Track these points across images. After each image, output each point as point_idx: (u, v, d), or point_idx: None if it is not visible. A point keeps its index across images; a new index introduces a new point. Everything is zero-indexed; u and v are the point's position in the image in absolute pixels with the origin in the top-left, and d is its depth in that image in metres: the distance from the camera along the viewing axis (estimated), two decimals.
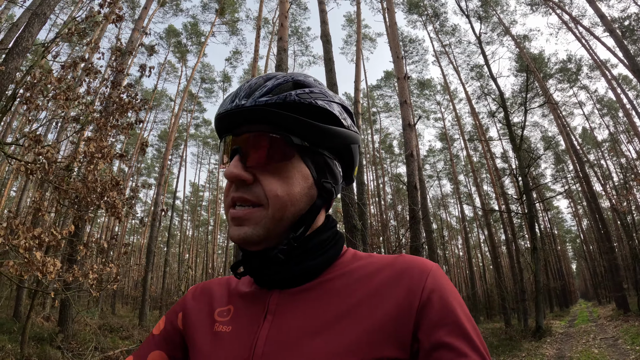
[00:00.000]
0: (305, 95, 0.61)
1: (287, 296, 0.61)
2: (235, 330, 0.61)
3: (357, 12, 15.71)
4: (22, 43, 5.60)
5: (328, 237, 0.65)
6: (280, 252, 0.59)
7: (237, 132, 0.61)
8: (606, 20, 12.66)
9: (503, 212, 18.33)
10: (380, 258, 0.62)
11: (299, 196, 0.61)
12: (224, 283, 0.73)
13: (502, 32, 24.98)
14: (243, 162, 0.59)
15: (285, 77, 0.62)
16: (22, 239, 2.90)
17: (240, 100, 0.60)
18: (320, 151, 0.64)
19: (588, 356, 8.13)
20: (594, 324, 14.76)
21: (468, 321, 0.53)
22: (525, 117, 14.26)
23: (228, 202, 0.61)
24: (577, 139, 29.15)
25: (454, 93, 29.55)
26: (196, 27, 28.34)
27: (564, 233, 46.28)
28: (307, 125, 0.60)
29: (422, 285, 0.55)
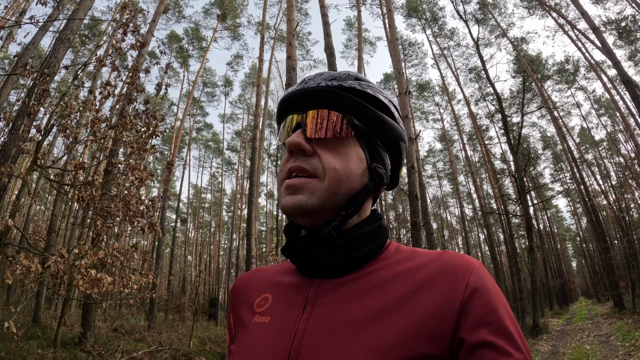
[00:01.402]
0: (365, 85, 0.66)
1: (329, 287, 0.61)
2: (274, 321, 0.61)
3: (359, 25, 16.12)
4: (50, 68, 6.02)
5: (374, 229, 0.65)
6: (334, 229, 0.60)
7: (302, 111, 0.65)
8: (588, 17, 12.93)
9: (501, 214, 18.74)
10: (424, 253, 0.62)
11: (354, 174, 0.62)
12: (266, 271, 0.74)
13: (500, 34, 25.38)
14: (305, 135, 0.62)
15: (347, 72, 0.68)
16: (90, 261, 3.33)
17: (310, 84, 0.65)
18: (374, 139, 0.67)
19: (580, 352, 8.57)
20: (591, 322, 15.17)
21: (510, 320, 0.53)
22: (522, 122, 14.68)
23: (284, 175, 0.62)
24: (575, 139, 29.52)
25: (452, 94, 29.96)
26: (197, 32, 28.70)
27: (563, 231, 46.49)
28: (366, 110, 0.64)
29: (466, 283, 0.55)
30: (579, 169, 19.32)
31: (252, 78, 33.63)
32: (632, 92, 8.97)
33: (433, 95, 31.85)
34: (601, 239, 17.69)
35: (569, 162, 22.28)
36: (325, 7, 10.71)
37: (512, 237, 17.58)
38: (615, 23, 23.30)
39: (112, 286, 3.68)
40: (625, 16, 22.63)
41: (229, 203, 42.53)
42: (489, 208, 28.06)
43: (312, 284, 0.62)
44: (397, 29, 23.85)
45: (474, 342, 0.50)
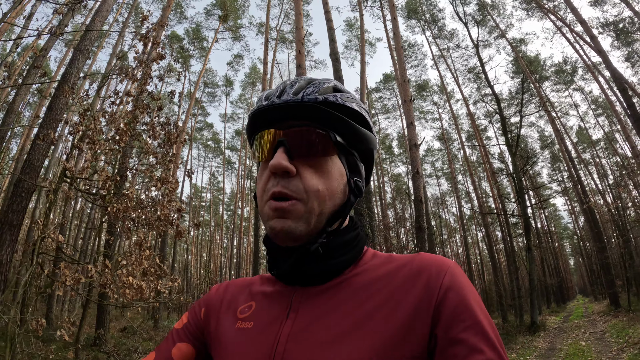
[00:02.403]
0: (346, 98, 0.65)
1: (311, 294, 0.62)
2: (257, 326, 0.63)
3: (361, 30, 16.40)
4: (69, 79, 6.24)
5: (353, 237, 0.66)
6: (321, 246, 0.61)
7: (282, 126, 0.64)
8: (577, 12, 13.19)
9: (500, 214, 19.06)
10: (399, 257, 0.64)
11: (337, 191, 0.63)
12: (247, 282, 0.75)
13: (499, 35, 25.66)
14: (288, 155, 0.61)
15: (325, 82, 0.66)
16: (137, 270, 3.62)
17: (288, 96, 0.63)
18: (352, 152, 0.67)
19: (576, 348, 8.92)
20: (587, 320, 15.51)
21: (485, 318, 0.54)
22: (520, 124, 14.98)
23: (267, 196, 0.61)
24: (572, 140, 29.82)
25: (451, 94, 30.26)
26: (199, 33, 28.87)
27: (561, 230, 46.79)
28: (348, 125, 0.64)
29: (440, 283, 0.56)
30: (576, 170, 19.65)
31: (252, 78, 33.94)
32: (628, 100, 9.27)
33: (432, 95, 32.16)
34: (597, 239, 18.04)
35: (567, 163, 22.61)
36: (330, 12, 10.97)
37: (510, 237, 17.91)
38: (613, 25, 23.66)
39: (151, 293, 3.96)
40: (623, 18, 22.97)
41: (228, 202, 42.82)
42: (487, 207, 28.40)
43: (295, 291, 0.64)
44: None
45: (449, 340, 0.52)
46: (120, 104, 4.85)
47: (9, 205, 5.21)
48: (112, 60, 17.36)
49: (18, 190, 5.28)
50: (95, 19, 7.19)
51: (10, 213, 5.12)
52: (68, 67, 6.44)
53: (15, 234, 5.04)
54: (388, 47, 23.97)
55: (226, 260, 38.08)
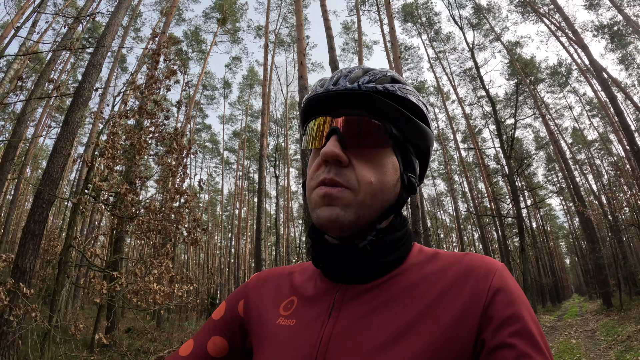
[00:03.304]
0: (404, 89, 0.63)
1: (355, 293, 0.60)
2: (299, 325, 0.61)
3: (359, 36, 16.72)
4: (83, 94, 6.53)
5: (402, 234, 0.64)
6: (369, 244, 0.59)
7: (335, 114, 0.62)
8: (562, 12, 13.50)
9: (494, 216, 19.44)
10: (447, 255, 0.62)
11: (389, 186, 0.61)
12: (287, 273, 0.73)
13: (494, 38, 26.04)
14: (341, 144, 0.59)
15: (382, 71, 0.64)
16: (166, 278, 3.94)
17: (345, 83, 0.61)
18: (408, 147, 0.65)
19: (566, 345, 9.30)
20: (580, 318, 15.88)
21: (534, 323, 0.52)
22: (514, 128, 15.34)
23: (315, 184, 0.60)
24: (567, 141, 30.22)
25: (447, 95, 30.67)
26: (197, 35, 29.06)
27: (556, 229, 47.16)
28: (405, 118, 0.62)
29: (488, 285, 0.54)
30: (570, 172, 20.06)
31: (250, 80, 34.21)
32: (617, 108, 9.64)
33: (428, 96, 32.51)
34: (590, 240, 18.47)
35: (561, 165, 23.04)
36: (329, 20, 11.25)
37: (505, 238, 18.32)
38: (608, 27, 24.07)
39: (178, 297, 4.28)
40: (617, 21, 23.35)
41: (225, 203, 43.02)
42: (483, 207, 28.80)
43: (338, 289, 0.62)
44: None
45: (495, 344, 0.50)
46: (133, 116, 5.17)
47: (31, 215, 5.50)
48: (115, 66, 17.64)
49: (38, 202, 5.57)
50: (106, 33, 7.46)
51: (32, 223, 5.41)
52: (82, 82, 6.71)
53: (37, 243, 5.33)
54: (385, 50, 24.34)
55: (224, 261, 38.30)
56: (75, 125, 6.29)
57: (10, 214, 17.31)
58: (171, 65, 5.70)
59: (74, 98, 6.61)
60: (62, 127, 6.28)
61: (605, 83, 10.55)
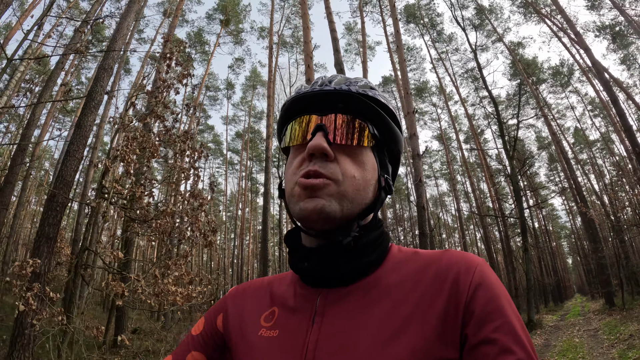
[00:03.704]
0: (382, 96, 0.66)
1: (337, 296, 0.60)
2: (283, 335, 0.60)
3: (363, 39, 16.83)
4: (95, 97, 6.64)
5: (378, 234, 0.64)
6: (353, 240, 0.59)
7: (321, 113, 0.63)
8: (565, 14, 13.58)
9: (497, 216, 19.52)
10: (427, 254, 0.62)
11: (370, 184, 0.62)
12: (266, 283, 0.73)
13: (497, 39, 26.10)
14: (327, 139, 0.60)
15: (362, 79, 0.67)
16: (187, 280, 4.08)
17: (336, 86, 0.64)
18: (384, 150, 0.68)
19: (569, 344, 9.41)
20: (582, 318, 15.95)
21: (515, 317, 0.53)
22: (517, 129, 15.43)
23: (298, 177, 0.60)
24: (569, 141, 30.26)
25: (449, 95, 30.73)
26: (200, 37, 29.21)
27: (558, 229, 47.03)
28: (385, 122, 0.65)
29: (470, 280, 0.54)
30: (573, 172, 20.14)
31: (253, 81, 34.37)
32: (619, 110, 9.73)
33: (430, 96, 32.59)
34: (592, 239, 18.56)
35: (563, 165, 23.11)
36: (334, 22, 11.34)
37: (507, 238, 18.42)
38: (610, 28, 24.11)
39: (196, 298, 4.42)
40: (619, 22, 23.39)
41: (228, 204, 43.15)
42: (486, 207, 28.87)
43: (319, 293, 0.62)
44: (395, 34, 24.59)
45: (478, 340, 0.50)
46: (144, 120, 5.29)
47: (45, 219, 5.60)
48: (120, 68, 17.78)
49: (52, 205, 5.66)
50: (116, 37, 7.57)
51: (46, 226, 5.51)
52: (93, 85, 6.82)
53: (51, 246, 5.43)
54: (388, 51, 24.44)
55: (227, 261, 38.42)
56: (87, 128, 6.40)
57: (17, 215, 17.47)
58: (183, 71, 5.82)
59: (86, 102, 6.71)
60: (75, 130, 6.38)
61: (607, 85, 10.64)
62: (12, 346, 5.11)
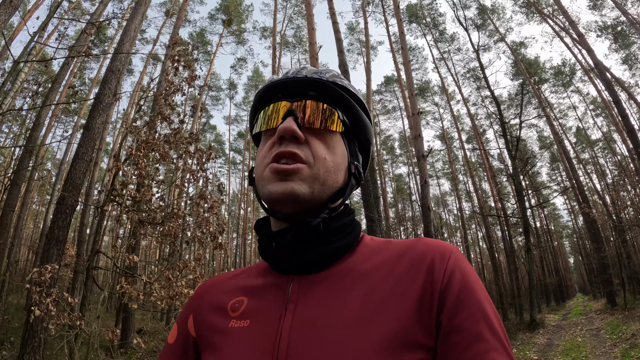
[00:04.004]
0: (348, 85, 0.68)
1: (309, 282, 0.59)
2: (254, 324, 0.58)
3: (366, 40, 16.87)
4: (103, 100, 6.70)
5: (349, 221, 0.65)
6: (322, 221, 0.59)
7: (292, 99, 0.64)
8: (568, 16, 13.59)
9: (500, 216, 19.57)
10: (400, 242, 0.62)
11: (340, 168, 0.63)
12: (232, 276, 0.71)
13: (499, 39, 26.11)
14: (297, 123, 0.60)
15: (331, 70, 0.70)
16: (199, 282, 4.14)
17: (307, 74, 0.66)
18: (354, 139, 0.69)
19: (572, 343, 9.48)
20: (585, 317, 16.02)
21: (489, 305, 0.53)
22: (520, 129, 15.47)
23: (269, 160, 0.60)
24: (570, 141, 30.27)
25: (451, 95, 30.74)
26: (203, 37, 29.28)
27: (560, 228, 47.03)
28: (354, 110, 0.66)
29: (445, 267, 0.55)
30: (575, 172, 20.18)
31: (255, 81, 34.44)
32: (621, 111, 9.78)
33: (432, 96, 32.63)
34: (594, 239, 18.60)
35: (565, 166, 23.13)
36: (338, 23, 11.38)
37: (510, 238, 18.47)
38: (612, 28, 24.11)
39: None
40: (621, 21, 23.39)
41: (230, 203, 43.25)
42: (488, 207, 28.90)
43: (291, 280, 0.61)
44: (397, 34, 24.64)
45: (452, 326, 0.51)
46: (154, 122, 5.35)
47: (54, 221, 5.66)
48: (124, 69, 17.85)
49: (62, 207, 5.71)
50: (123, 39, 7.63)
51: (56, 229, 5.57)
52: (101, 88, 6.86)
53: (61, 248, 5.49)
54: (390, 51, 24.51)
55: (230, 261, 38.55)
56: (96, 131, 6.46)
57: (20, 216, 17.56)
58: (190, 74, 5.88)
59: (94, 104, 6.75)
60: (84, 133, 6.43)
61: (610, 86, 10.67)
62: (22, 349, 5.17)
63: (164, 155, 4.91)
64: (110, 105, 6.81)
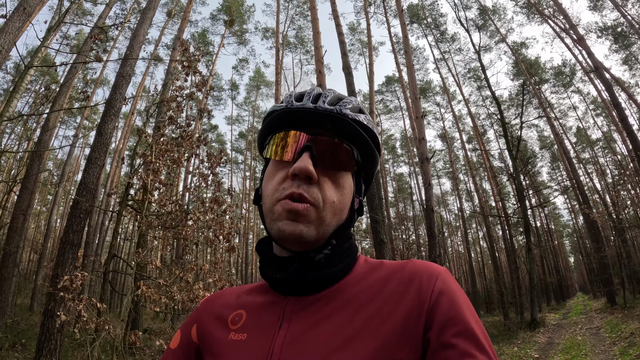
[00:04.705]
0: (370, 122, 0.68)
1: (304, 304, 0.63)
2: (250, 338, 0.62)
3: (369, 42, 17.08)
4: (115, 105, 6.85)
5: (347, 247, 0.67)
6: (325, 257, 0.62)
7: (310, 131, 0.64)
8: (570, 20, 13.70)
9: (501, 216, 19.72)
10: (391, 264, 0.65)
11: (346, 207, 0.65)
12: (237, 291, 0.75)
13: (500, 39, 26.21)
14: (313, 161, 0.61)
15: (352, 101, 0.68)
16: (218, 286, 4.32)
17: (325, 104, 0.64)
18: (361, 173, 0.70)
19: (572, 342, 9.67)
20: (585, 316, 16.18)
21: (475, 322, 0.55)
22: (520, 131, 15.62)
23: (281, 195, 0.61)
24: (571, 141, 30.37)
25: (453, 95, 30.87)
26: (204, 37, 29.38)
27: (561, 228, 47.08)
28: (369, 148, 0.67)
29: (432, 288, 0.57)
30: (575, 172, 20.32)
31: (257, 81, 34.62)
32: (621, 113, 9.93)
33: (434, 96, 32.76)
34: (594, 239, 18.75)
35: (565, 166, 23.27)
36: (341, 25, 11.50)
37: (511, 237, 18.63)
38: (612, 29, 24.21)
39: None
40: (621, 22, 23.46)
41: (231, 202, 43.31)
42: (489, 206, 29.05)
43: (287, 301, 0.64)
44: (398, 35, 24.80)
45: (440, 344, 0.53)
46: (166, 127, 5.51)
47: (69, 225, 5.79)
48: None
49: (76, 212, 5.85)
50: (133, 44, 7.77)
51: (70, 233, 5.71)
52: (112, 93, 7.01)
53: (75, 252, 5.61)
54: (392, 52, 24.64)
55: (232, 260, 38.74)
56: (108, 136, 6.62)
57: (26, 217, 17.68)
58: (200, 79, 6.03)
59: (105, 109, 6.91)
60: (96, 138, 6.58)
61: (610, 88, 10.82)
62: (38, 351, 5.29)
63: (177, 161, 5.06)
64: (120, 110, 6.97)
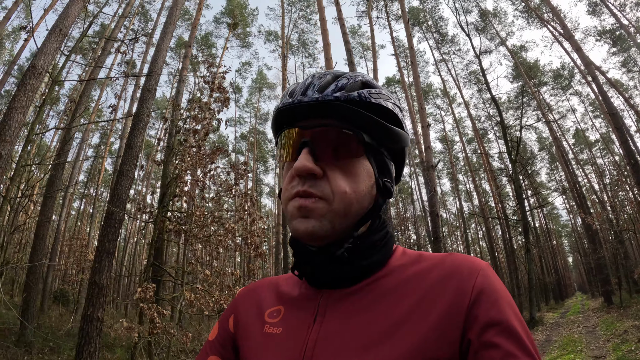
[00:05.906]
0: (375, 95, 0.63)
1: (338, 297, 0.61)
2: (286, 332, 0.62)
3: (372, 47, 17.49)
4: (142, 119, 7.30)
5: (381, 237, 0.64)
6: (347, 251, 0.59)
7: (305, 125, 0.62)
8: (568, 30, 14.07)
9: (500, 217, 20.21)
10: (430, 256, 0.62)
11: (364, 194, 0.61)
12: (273, 283, 0.74)
13: (499, 43, 26.60)
14: (313, 156, 0.59)
15: (353, 77, 0.63)
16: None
17: (313, 93, 0.61)
18: (382, 151, 0.65)
19: (569, 339, 10.20)
20: (582, 315, 16.67)
21: (518, 321, 0.52)
22: (520, 134, 16.08)
23: (289, 195, 0.60)
24: (569, 142, 30.80)
25: (453, 97, 31.27)
26: (207, 39, 29.73)
27: (559, 228, 47.22)
28: (377, 124, 0.62)
29: (472, 284, 0.54)
30: (573, 174, 20.78)
31: (259, 83, 35.05)
32: (616, 122, 10.35)
33: (434, 98, 33.15)
34: (592, 240, 19.24)
35: (564, 168, 23.71)
36: (347, 34, 11.94)
37: (510, 238, 19.11)
38: (610, 33, 24.63)
39: None
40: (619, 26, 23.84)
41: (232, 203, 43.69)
42: (488, 207, 29.48)
43: (322, 294, 0.63)
44: (400, 39, 25.26)
45: (481, 344, 0.50)
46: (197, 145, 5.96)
47: (104, 235, 6.21)
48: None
49: (110, 222, 6.28)
50: (156, 58, 8.19)
51: (106, 242, 6.13)
52: (139, 107, 7.45)
53: (111, 260, 6.02)
54: (394, 55, 25.12)
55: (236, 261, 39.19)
56: (137, 148, 7.08)
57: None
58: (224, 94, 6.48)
59: (134, 122, 7.37)
60: (126, 150, 7.03)
61: (607, 100, 11.19)
62: (78, 355, 5.63)
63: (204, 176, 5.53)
64: (147, 123, 7.42)
